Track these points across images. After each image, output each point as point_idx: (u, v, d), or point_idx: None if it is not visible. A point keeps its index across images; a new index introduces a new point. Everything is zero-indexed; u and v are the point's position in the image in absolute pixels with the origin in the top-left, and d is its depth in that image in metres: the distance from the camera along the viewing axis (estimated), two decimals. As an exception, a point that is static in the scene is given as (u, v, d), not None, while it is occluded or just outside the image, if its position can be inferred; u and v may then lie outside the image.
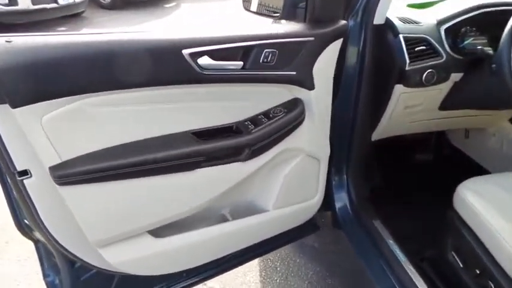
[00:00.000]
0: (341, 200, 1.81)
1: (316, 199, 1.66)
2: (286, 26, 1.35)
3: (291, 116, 1.38)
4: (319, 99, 1.45)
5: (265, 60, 1.26)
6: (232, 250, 1.52)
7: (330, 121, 1.55)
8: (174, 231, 1.35)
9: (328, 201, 1.74)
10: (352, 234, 1.76)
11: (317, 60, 1.38)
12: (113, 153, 1.11)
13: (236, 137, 1.28)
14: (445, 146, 2.36)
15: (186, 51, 1.12)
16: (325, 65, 1.42)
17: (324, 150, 1.58)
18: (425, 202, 1.98)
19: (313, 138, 1.51)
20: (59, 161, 1.04)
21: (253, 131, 1.31)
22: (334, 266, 2.27)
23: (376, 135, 1.83)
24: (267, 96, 1.38)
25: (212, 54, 1.18)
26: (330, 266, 2.28)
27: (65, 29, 6.65)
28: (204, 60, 1.17)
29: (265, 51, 1.26)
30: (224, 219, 1.51)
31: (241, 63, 1.24)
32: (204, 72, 1.17)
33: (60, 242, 1.15)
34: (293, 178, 1.54)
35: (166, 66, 1.12)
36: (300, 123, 1.41)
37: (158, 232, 1.31)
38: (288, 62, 1.32)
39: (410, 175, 2.21)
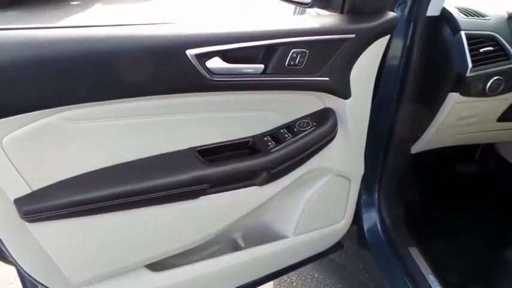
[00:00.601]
0: (370, 219, 1.56)
1: (344, 223, 1.42)
2: (319, 20, 1.07)
3: (320, 130, 1.12)
4: (355, 110, 1.18)
5: (291, 62, 1.00)
6: (245, 281, 1.30)
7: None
8: (176, 262, 1.13)
9: (354, 216, 1.50)
10: (382, 259, 1.52)
11: (356, 62, 1.10)
12: (97, 180, 0.88)
13: (252, 159, 1.04)
14: (491, 156, 2.05)
15: (191, 52, 0.87)
16: (365, 68, 1.14)
17: (357, 168, 1.32)
18: (471, 223, 1.70)
19: (345, 156, 1.25)
20: (27, 191, 0.82)
21: (273, 150, 1.06)
22: (357, 284, 2.04)
23: (417, 148, 1.56)
24: (291, 106, 1.12)
25: (225, 56, 0.93)
26: (352, 284, 2.05)
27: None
28: (215, 63, 0.92)
29: (293, 52, 0.99)
30: (235, 246, 1.28)
31: (261, 66, 0.98)
32: (214, 78, 0.92)
33: (39, 280, 0.95)
34: (318, 201, 1.29)
35: (165, 70, 0.87)
36: (331, 139, 1.15)
37: (157, 265, 1.09)
38: (320, 64, 1.05)
39: (451, 190, 1.92)
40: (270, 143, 1.08)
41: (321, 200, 1.30)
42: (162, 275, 1.10)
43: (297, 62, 1.01)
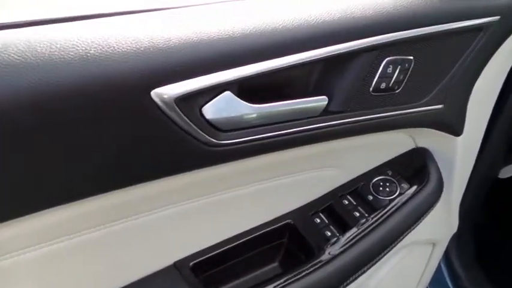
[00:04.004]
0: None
1: None
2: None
3: (417, 196, 0.61)
4: (465, 149, 0.67)
5: (382, 84, 0.47)
6: None
7: None
8: None
9: None
10: None
11: (485, 69, 0.58)
12: None
13: (290, 275, 0.53)
14: None
15: (161, 93, 0.34)
16: (491, 79, 0.62)
17: (450, 227, 0.83)
18: None
19: (439, 218, 0.75)
20: None
21: (337, 252, 0.55)
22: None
23: (508, 172, 1.07)
24: (361, 153, 0.61)
25: (243, 88, 0.40)
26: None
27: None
28: (221, 107, 0.39)
29: (386, 62, 0.46)
30: None
31: (323, 99, 0.45)
32: (225, 140, 0.40)
33: None
34: (387, 281, 0.81)
35: (109, 136, 0.35)
36: (433, 205, 0.64)
37: None
38: (431, 82, 0.53)
39: None
40: (327, 233, 0.57)
41: (391, 280, 0.82)
42: None
43: (391, 83, 0.48)
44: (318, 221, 0.59)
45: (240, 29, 0.38)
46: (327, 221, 0.59)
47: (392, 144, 0.63)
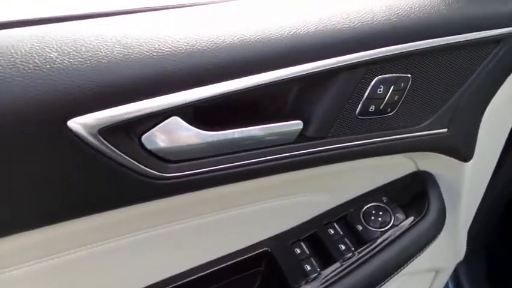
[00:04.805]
0: None
1: None
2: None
3: (415, 228, 0.53)
4: (475, 175, 0.59)
5: (371, 107, 0.40)
6: None
7: None
8: None
9: None
10: None
11: (500, 89, 0.49)
12: None
13: None
14: None
15: (83, 122, 0.28)
16: (509, 100, 0.54)
17: (455, 255, 0.75)
18: None
19: (443, 246, 0.68)
20: None
21: (324, 278, 0.49)
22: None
23: None
24: (353, 177, 0.54)
25: (198, 113, 0.34)
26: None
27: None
28: (166, 135, 0.33)
29: (377, 82, 0.39)
30: None
31: (298, 123, 0.38)
32: (172, 173, 0.34)
33: None
34: None
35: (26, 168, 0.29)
36: (435, 237, 0.57)
37: None
38: (433, 103, 0.45)
39: None
40: (307, 267, 0.51)
41: None
42: None
43: (383, 106, 0.41)
44: (298, 251, 0.53)
45: (191, 43, 0.31)
46: (308, 252, 0.52)
47: (390, 167, 0.56)
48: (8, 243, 0.34)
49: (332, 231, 0.54)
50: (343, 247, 0.52)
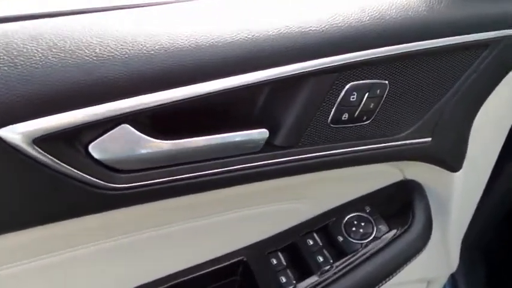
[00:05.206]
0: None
1: None
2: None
3: (400, 240, 0.51)
4: (466, 185, 0.55)
5: (344, 115, 0.37)
6: None
7: None
8: None
9: None
10: None
11: (490, 96, 0.46)
12: None
13: None
14: None
15: (16, 131, 0.26)
16: (504, 106, 0.50)
17: (447, 266, 0.72)
18: None
19: (433, 259, 0.65)
20: None
21: None
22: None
23: None
24: (334, 186, 0.51)
25: (155, 120, 0.32)
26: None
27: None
28: (118, 143, 0.31)
29: (350, 88, 0.36)
30: None
31: (264, 132, 0.36)
32: (124, 184, 0.32)
33: None
34: None
35: None
36: (421, 250, 0.54)
37: None
38: (414, 111, 0.42)
39: None
40: (282, 279, 0.49)
41: None
42: None
43: (357, 114, 0.38)
44: (275, 261, 0.51)
45: (138, 46, 0.29)
46: (284, 263, 0.50)
47: (374, 175, 0.53)
48: None
49: (311, 242, 0.52)
50: (321, 259, 0.49)
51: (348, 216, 0.53)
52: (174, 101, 0.30)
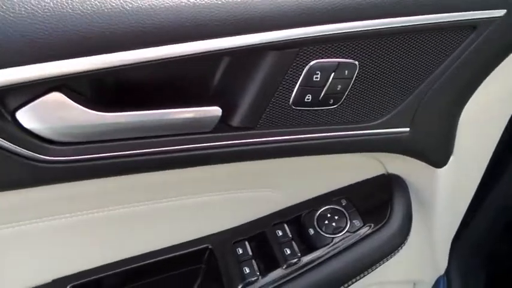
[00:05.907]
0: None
1: None
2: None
3: (374, 236, 0.48)
4: (455, 182, 0.52)
5: (308, 97, 0.34)
6: None
7: None
8: None
9: None
10: None
11: (482, 85, 0.42)
12: None
13: None
14: None
15: None
16: (501, 94, 0.46)
17: (434, 269, 0.68)
18: None
19: (418, 259, 0.61)
20: None
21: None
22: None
23: None
24: (310, 175, 0.48)
25: (96, 89, 0.30)
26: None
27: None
28: (52, 111, 0.29)
29: (312, 68, 0.33)
30: None
31: (216, 110, 0.33)
32: (59, 157, 0.30)
33: None
34: None
35: None
36: (399, 248, 0.51)
37: None
38: (389, 96, 0.38)
39: None
40: (246, 269, 0.46)
41: None
42: None
43: (322, 97, 0.35)
44: (241, 251, 0.48)
45: (82, 4, 0.27)
46: (250, 253, 0.48)
47: (354, 167, 0.50)
48: None
49: (280, 233, 0.49)
50: (288, 251, 0.47)
51: (322, 209, 0.50)
52: (114, 66, 0.28)
